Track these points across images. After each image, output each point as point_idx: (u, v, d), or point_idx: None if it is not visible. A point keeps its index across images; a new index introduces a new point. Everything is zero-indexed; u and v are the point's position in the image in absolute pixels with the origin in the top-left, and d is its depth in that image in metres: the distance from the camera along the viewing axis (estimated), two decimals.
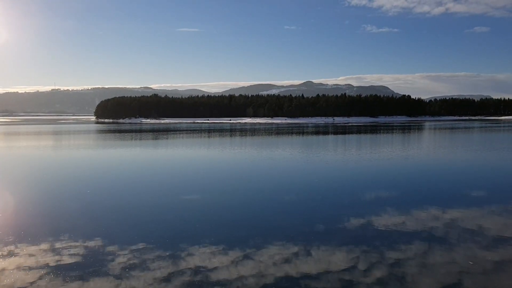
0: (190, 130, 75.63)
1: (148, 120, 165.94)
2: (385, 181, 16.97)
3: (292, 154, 28.43)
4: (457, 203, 12.53)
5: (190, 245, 8.74)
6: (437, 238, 9.16)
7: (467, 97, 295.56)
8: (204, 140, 46.20)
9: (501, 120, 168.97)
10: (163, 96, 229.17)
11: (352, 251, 8.33)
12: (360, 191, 14.82)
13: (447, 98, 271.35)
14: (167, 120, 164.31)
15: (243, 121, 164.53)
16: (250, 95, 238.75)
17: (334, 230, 9.87)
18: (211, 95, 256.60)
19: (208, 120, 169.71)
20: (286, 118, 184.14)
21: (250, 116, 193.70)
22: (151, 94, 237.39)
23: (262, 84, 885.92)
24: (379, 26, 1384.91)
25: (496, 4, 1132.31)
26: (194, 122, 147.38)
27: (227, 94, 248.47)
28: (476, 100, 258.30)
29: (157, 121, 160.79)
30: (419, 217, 10.93)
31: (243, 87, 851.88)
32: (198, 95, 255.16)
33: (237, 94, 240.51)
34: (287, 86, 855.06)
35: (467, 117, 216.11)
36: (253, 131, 71.74)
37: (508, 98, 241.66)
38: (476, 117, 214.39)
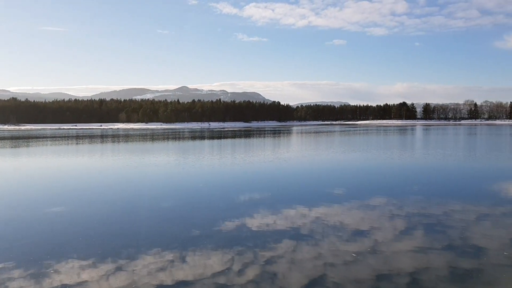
0: (56, 137, 69.84)
1: (6, 127, 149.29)
2: (258, 183, 17.65)
3: (168, 160, 28.02)
4: (322, 200, 13.56)
5: (55, 262, 8.09)
6: (304, 235, 9.82)
7: (329, 104, 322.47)
8: (71, 148, 43.10)
9: (358, 124, 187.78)
10: (23, 99, 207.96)
11: (227, 254, 8.52)
12: (236, 193, 15.21)
13: (312, 104, 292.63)
14: (28, 126, 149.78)
15: (116, 126, 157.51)
16: (122, 100, 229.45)
17: (210, 234, 9.97)
18: (79, 99, 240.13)
19: (76, 126, 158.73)
20: (161, 123, 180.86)
21: (123, 122, 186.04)
22: (9, 98, 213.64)
23: (135, 88, 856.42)
24: (250, 35, 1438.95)
25: (351, 20, 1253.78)
26: (60, 128, 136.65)
27: (97, 98, 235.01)
28: (336, 107, 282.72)
29: (17, 127, 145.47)
30: (289, 215, 11.59)
31: (115, 91, 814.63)
32: (64, 99, 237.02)
33: (108, 99, 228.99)
34: (162, 91, 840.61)
35: (329, 122, 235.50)
36: (126, 137, 69.01)
37: (363, 105, 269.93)
38: (337, 122, 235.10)
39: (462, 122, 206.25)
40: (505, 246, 8.81)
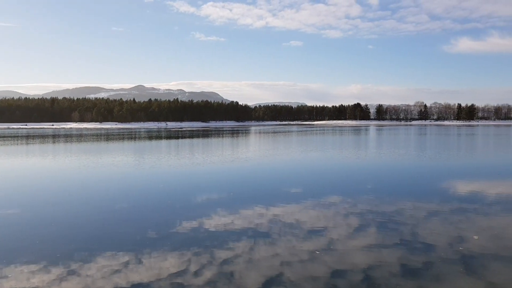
0: (5, 137, 66.77)
1: None
2: (218, 183, 17.58)
3: (126, 160, 27.39)
4: (280, 200, 13.69)
5: (4, 266, 7.73)
6: (261, 234, 9.88)
7: (286, 104, 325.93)
8: (22, 148, 41.31)
9: (314, 124, 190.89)
10: None
11: (184, 255, 8.44)
12: (195, 194, 15.08)
13: (270, 105, 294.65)
14: None
15: (68, 126, 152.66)
16: (76, 98, 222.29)
17: (166, 235, 9.84)
18: (29, 98, 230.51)
19: (26, 125, 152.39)
20: (116, 123, 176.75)
21: (76, 121, 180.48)
22: None
23: (89, 87, 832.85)
24: (208, 34, 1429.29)
25: (307, 22, 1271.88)
26: (9, 128, 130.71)
27: (48, 97, 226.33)
28: (294, 107, 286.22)
29: None
30: (247, 215, 11.63)
31: (68, 89, 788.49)
32: (13, 97, 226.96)
33: (60, 97, 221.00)
34: (117, 90, 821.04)
35: (286, 122, 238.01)
36: (80, 136, 66.92)
37: (319, 105, 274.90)
38: (294, 122, 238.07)
39: (413, 122, 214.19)
40: (453, 241, 9.23)
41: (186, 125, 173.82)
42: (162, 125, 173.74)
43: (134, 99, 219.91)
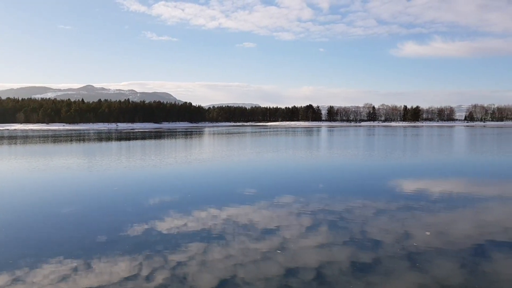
0: None
1: None
2: (170, 185, 17.34)
3: (72, 163, 26.42)
4: (233, 201, 13.71)
5: None
6: (215, 236, 9.85)
7: (240, 105, 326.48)
8: None
9: (268, 125, 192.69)
10: None
11: (135, 259, 8.26)
12: (147, 197, 14.78)
13: (224, 106, 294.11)
14: None
15: (13, 127, 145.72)
16: (21, 99, 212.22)
17: (116, 239, 9.60)
18: None
19: None
20: (64, 124, 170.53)
21: (21, 122, 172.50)
22: None
23: (35, 86, 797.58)
24: (159, 34, 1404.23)
25: (260, 24, 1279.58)
26: None
27: None
28: (247, 108, 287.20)
29: None
30: (200, 217, 11.55)
31: (12, 89, 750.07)
32: None
33: (4, 97, 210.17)
34: (65, 90, 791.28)
35: (241, 123, 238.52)
36: (25, 138, 63.91)
37: (273, 107, 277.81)
38: (248, 123, 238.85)
39: (362, 123, 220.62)
40: (400, 238, 9.60)
41: (138, 126, 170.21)
42: (113, 126, 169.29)
43: (82, 100, 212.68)
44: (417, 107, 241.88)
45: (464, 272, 7.58)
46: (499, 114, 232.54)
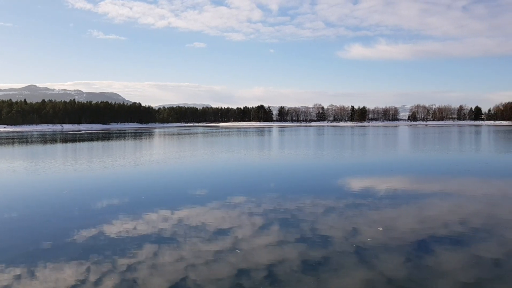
0: None
1: None
2: (120, 188, 16.91)
3: (15, 166, 25.13)
4: (185, 203, 13.57)
5: None
6: (166, 238, 9.71)
7: (191, 106, 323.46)
8: None
9: (220, 126, 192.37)
10: None
11: (82, 264, 7.99)
12: (96, 200, 14.32)
13: (174, 106, 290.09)
14: None
15: None
16: None
17: (63, 244, 9.24)
18: None
19: None
20: (5, 125, 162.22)
21: None
22: None
23: None
24: (106, 32, 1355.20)
25: (210, 24, 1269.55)
26: None
27: None
28: (199, 109, 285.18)
29: None
30: (150, 220, 11.35)
31: None
32: None
33: None
34: (5, 90, 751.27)
35: (192, 124, 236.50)
36: None
37: (224, 107, 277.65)
38: (200, 124, 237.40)
39: (312, 123, 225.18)
40: (348, 235, 9.88)
41: (85, 127, 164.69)
42: (58, 127, 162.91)
43: (25, 100, 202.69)
44: (364, 107, 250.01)
45: (408, 265, 7.92)
46: (440, 114, 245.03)
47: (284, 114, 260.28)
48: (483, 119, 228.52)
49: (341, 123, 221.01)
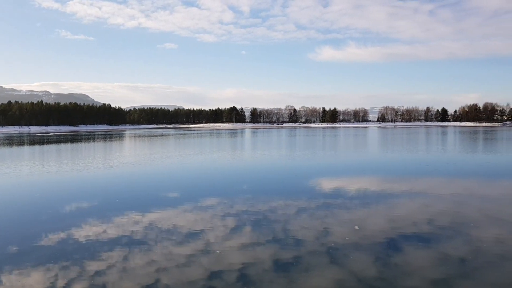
0: None
1: None
2: (89, 191, 16.56)
3: None
4: (156, 205, 13.42)
5: None
6: (136, 241, 9.58)
7: (163, 107, 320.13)
8: None
9: (192, 127, 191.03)
10: None
11: (50, 270, 7.79)
12: (63, 204, 13.99)
13: (146, 108, 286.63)
14: None
15: None
16: None
17: (29, 250, 8.98)
18: None
19: None
20: None
21: None
22: None
23: None
24: (74, 32, 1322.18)
25: (182, 25, 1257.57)
26: None
27: None
28: (170, 110, 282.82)
29: None
30: (120, 223, 11.17)
31: None
32: None
33: None
34: None
35: (163, 125, 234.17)
36: None
37: (197, 109, 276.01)
38: (171, 125, 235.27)
39: (284, 125, 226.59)
40: (319, 235, 9.98)
41: (53, 129, 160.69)
42: (25, 129, 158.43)
43: None
44: (335, 109, 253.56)
45: (378, 264, 8.07)
46: (408, 116, 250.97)
47: (257, 116, 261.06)
48: (449, 120, 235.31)
49: (313, 125, 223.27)
